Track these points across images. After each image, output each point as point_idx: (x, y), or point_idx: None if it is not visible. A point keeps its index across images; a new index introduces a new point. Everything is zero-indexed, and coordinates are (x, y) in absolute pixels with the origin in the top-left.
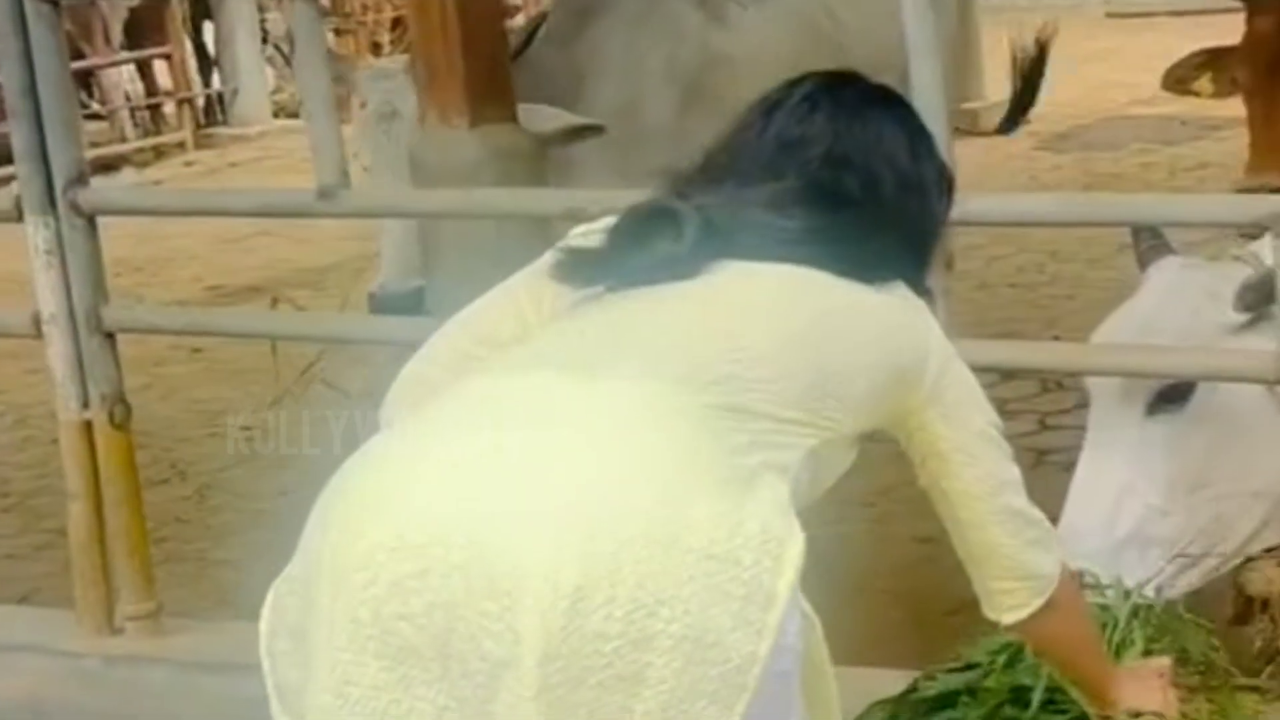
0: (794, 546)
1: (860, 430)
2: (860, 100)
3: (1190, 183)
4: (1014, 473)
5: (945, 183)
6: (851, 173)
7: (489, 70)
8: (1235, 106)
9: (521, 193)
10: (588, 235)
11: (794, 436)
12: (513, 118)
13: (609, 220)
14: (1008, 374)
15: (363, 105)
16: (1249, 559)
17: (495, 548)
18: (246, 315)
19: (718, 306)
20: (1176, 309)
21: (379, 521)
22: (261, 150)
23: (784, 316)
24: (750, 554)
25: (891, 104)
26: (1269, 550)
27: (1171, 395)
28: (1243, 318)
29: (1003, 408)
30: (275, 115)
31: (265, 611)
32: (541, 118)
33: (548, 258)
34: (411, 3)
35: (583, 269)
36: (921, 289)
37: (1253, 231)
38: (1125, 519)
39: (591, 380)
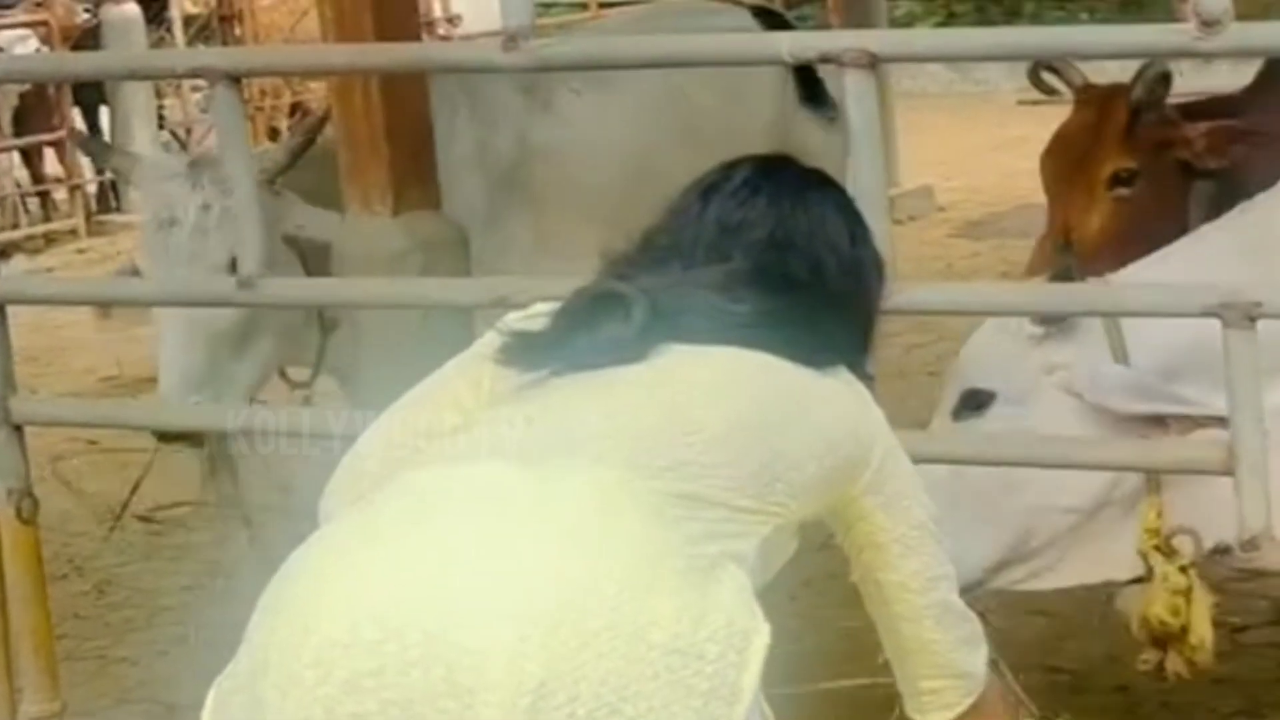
0: (759, 639)
1: (805, 517)
2: (800, 184)
3: None
4: (949, 568)
5: (881, 270)
6: (796, 256)
7: (413, 156)
8: None
9: (448, 282)
10: (529, 319)
11: (747, 525)
12: (437, 204)
13: (545, 305)
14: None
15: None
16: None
17: (454, 643)
18: (154, 407)
19: (667, 390)
20: (995, 327)
21: (330, 617)
22: None
23: (734, 400)
24: (715, 647)
25: (828, 189)
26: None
27: (970, 401)
28: (1041, 330)
29: None
30: None
31: (206, 713)
32: (327, 221)
33: (487, 341)
34: (333, 86)
35: (528, 352)
36: (863, 374)
37: None
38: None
39: (543, 469)
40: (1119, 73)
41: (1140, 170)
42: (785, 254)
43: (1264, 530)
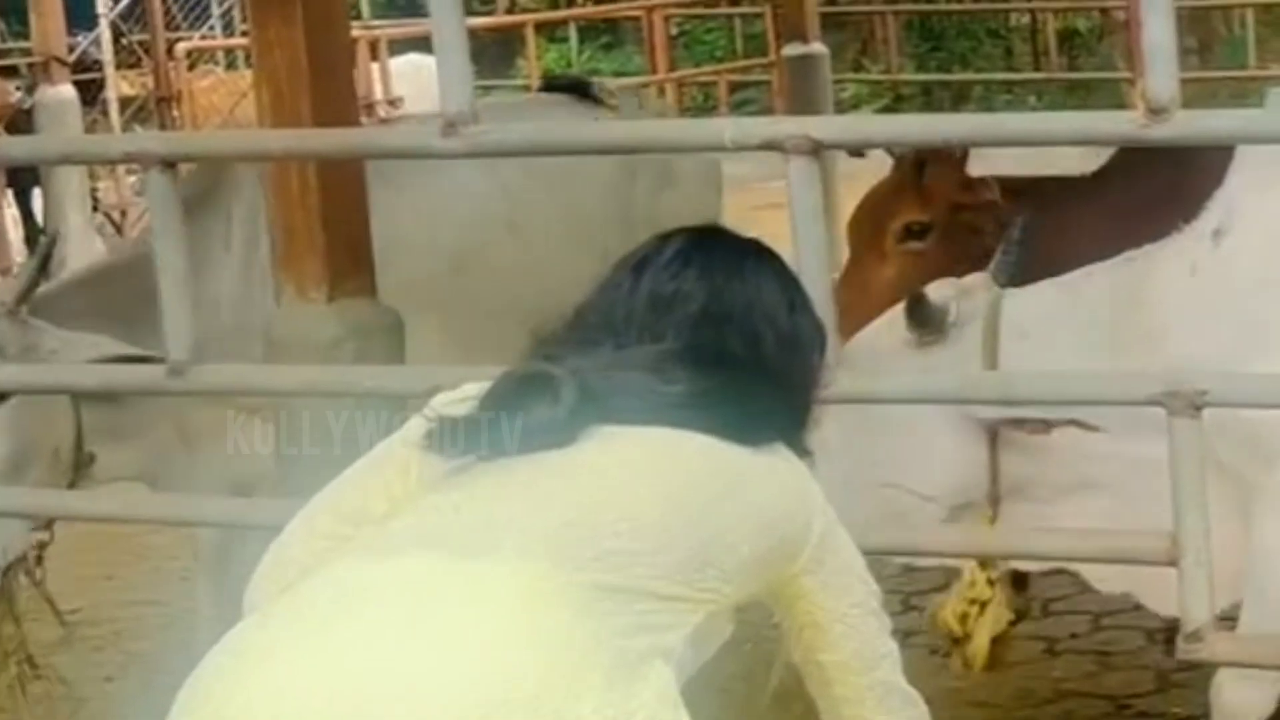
0: None
1: (741, 599)
2: (735, 254)
3: None
4: (891, 647)
5: (821, 339)
6: (732, 330)
7: (349, 243)
8: None
9: (382, 370)
10: (457, 403)
11: (678, 614)
12: (373, 292)
13: (474, 387)
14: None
15: None
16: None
17: None
18: (95, 498)
19: (596, 476)
20: (878, 327)
21: (250, 714)
22: None
23: (665, 483)
24: None
25: (765, 257)
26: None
27: None
28: (918, 336)
29: None
30: None
31: None
32: (83, 346)
33: (414, 426)
34: (269, 172)
35: (454, 438)
36: (802, 450)
37: None
38: None
39: (467, 561)
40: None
41: (933, 224)
42: (721, 329)
43: (1207, 623)
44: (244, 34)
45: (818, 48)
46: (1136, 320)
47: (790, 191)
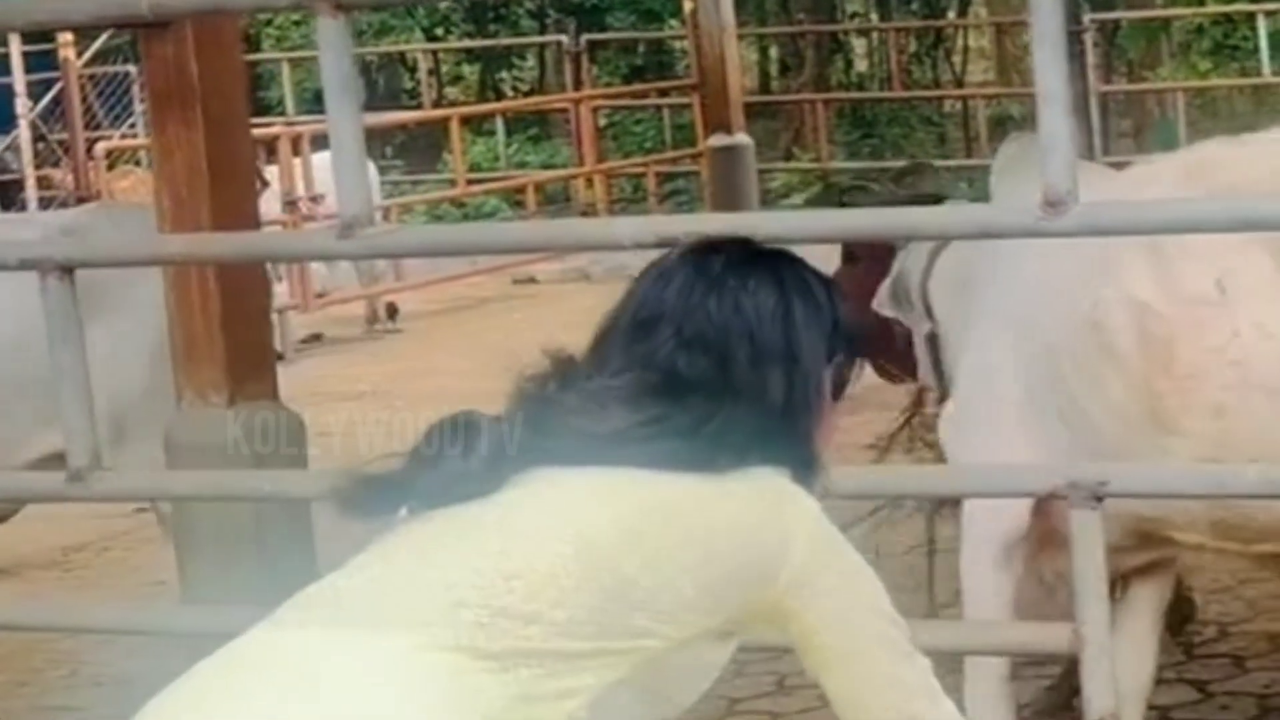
0: None
1: (706, 630)
2: (726, 267)
3: None
4: (906, 671)
5: (843, 343)
6: (701, 352)
7: (250, 347)
8: None
9: (281, 474)
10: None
11: (585, 675)
12: (273, 395)
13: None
14: None
15: None
16: None
17: None
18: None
19: (501, 530)
20: None
21: None
22: None
23: (575, 528)
24: None
25: (765, 266)
26: None
27: None
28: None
29: None
30: None
31: None
32: None
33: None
34: (169, 277)
35: (370, 498)
36: (804, 463)
37: None
38: None
39: (346, 635)
40: None
41: None
42: (690, 351)
43: (1110, 713)
44: None
45: (742, 138)
46: None
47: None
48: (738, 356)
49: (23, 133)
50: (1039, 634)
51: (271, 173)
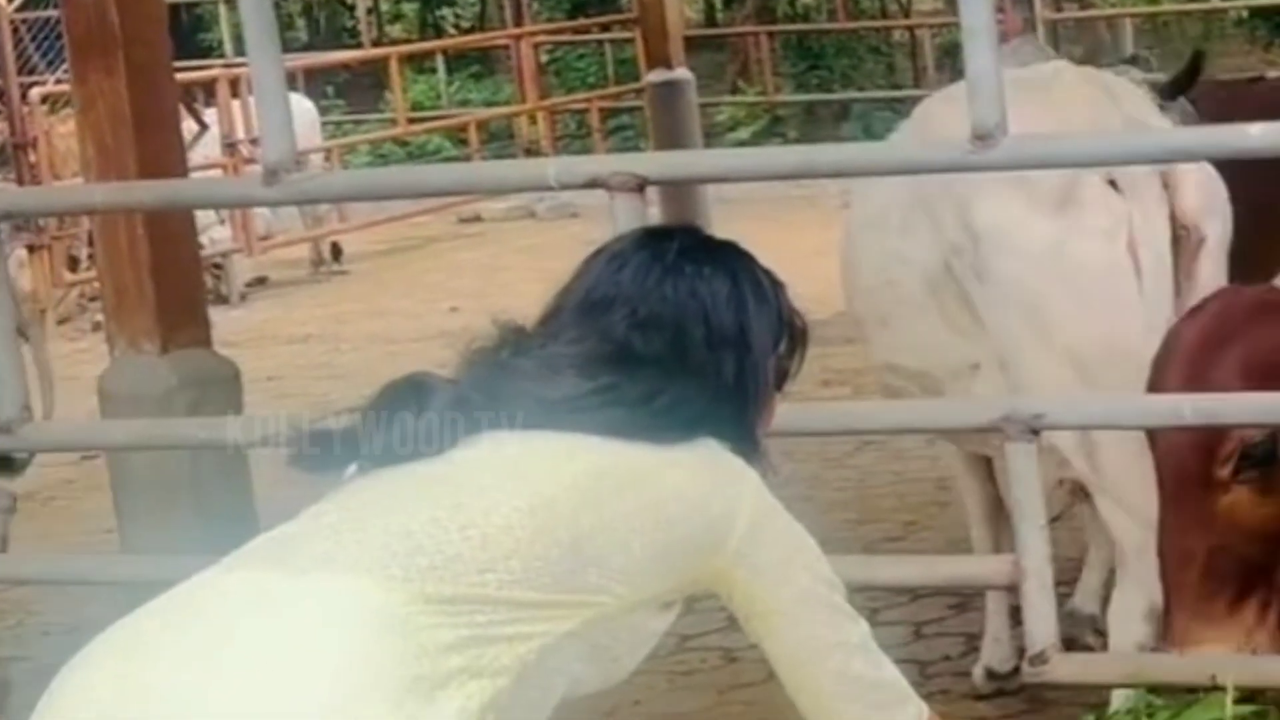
0: None
1: (652, 596)
2: (679, 254)
3: None
4: (848, 633)
5: (791, 334)
6: (655, 330)
7: (181, 294)
8: None
9: (214, 422)
10: (334, 417)
11: (537, 623)
12: (206, 342)
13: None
14: None
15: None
16: None
17: None
18: None
19: (454, 483)
20: None
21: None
22: None
23: (530, 485)
24: None
25: (719, 256)
26: None
27: None
28: None
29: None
30: None
31: None
32: None
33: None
34: (97, 224)
35: (322, 451)
36: (747, 445)
37: None
38: None
39: (294, 578)
40: None
41: None
42: (644, 329)
43: (1052, 644)
44: None
45: (682, 73)
46: None
47: (615, 227)
48: (693, 336)
49: None
50: (980, 567)
51: (211, 115)
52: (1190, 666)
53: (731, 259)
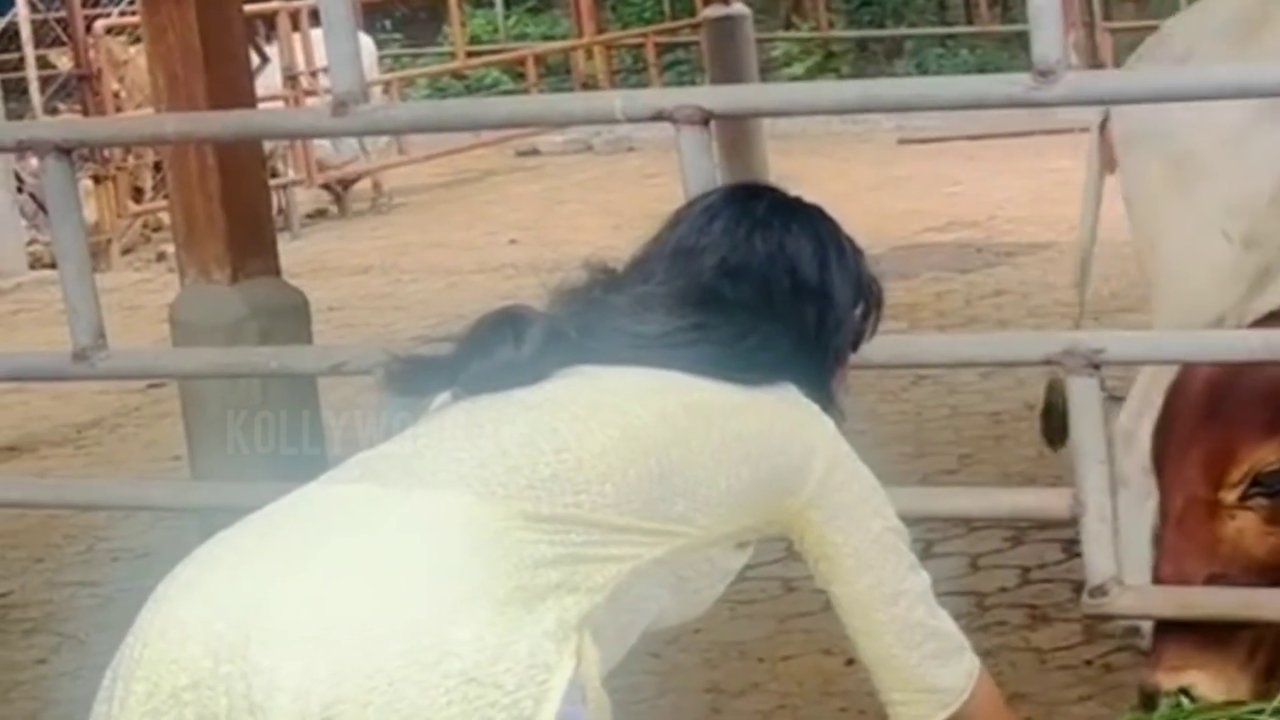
0: (560, 675)
1: (731, 532)
2: (768, 211)
3: (987, 310)
4: (912, 582)
5: (868, 296)
6: (745, 279)
7: (250, 223)
8: (1031, 233)
9: (286, 351)
10: (430, 345)
11: (628, 546)
12: (275, 271)
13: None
14: None
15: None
16: None
17: (255, 663)
18: (17, 483)
19: (550, 410)
20: None
21: (162, 633)
22: (17, 303)
23: (623, 415)
24: (513, 679)
25: (803, 215)
26: None
27: None
28: None
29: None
30: (32, 266)
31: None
32: None
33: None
34: (168, 154)
35: (416, 377)
36: (824, 396)
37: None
38: None
39: (404, 490)
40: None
41: None
42: (734, 277)
43: (1112, 577)
44: None
45: (739, 8)
46: None
47: (682, 161)
48: (780, 286)
49: (20, 11)
50: (1039, 500)
51: (271, 49)
52: (1242, 600)
53: (817, 220)
